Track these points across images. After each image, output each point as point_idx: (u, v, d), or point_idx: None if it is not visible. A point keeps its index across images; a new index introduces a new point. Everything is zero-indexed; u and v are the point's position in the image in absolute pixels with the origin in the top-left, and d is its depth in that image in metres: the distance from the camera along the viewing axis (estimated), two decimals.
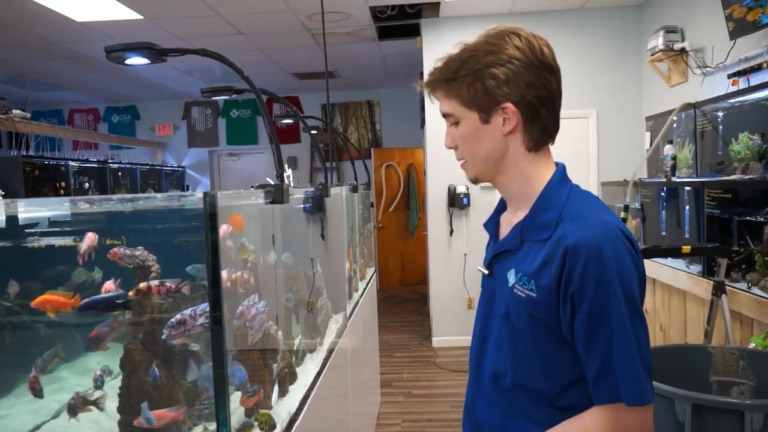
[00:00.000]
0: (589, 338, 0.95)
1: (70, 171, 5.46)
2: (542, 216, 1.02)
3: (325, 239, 2.66)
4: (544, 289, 0.97)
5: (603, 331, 0.94)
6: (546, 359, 1.01)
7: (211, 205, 1.10)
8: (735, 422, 1.59)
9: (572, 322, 0.96)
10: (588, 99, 4.95)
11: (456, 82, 1.03)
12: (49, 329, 1.62)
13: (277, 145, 1.45)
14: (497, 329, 1.09)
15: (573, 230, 0.96)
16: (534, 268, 0.99)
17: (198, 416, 1.33)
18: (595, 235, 0.95)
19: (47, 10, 4.29)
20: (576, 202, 1.03)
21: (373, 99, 8.14)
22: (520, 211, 1.09)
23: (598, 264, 0.93)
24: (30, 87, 7.01)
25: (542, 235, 1.01)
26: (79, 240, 1.37)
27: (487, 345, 1.12)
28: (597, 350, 0.95)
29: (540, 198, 1.04)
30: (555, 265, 0.96)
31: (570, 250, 0.94)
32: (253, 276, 1.53)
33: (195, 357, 1.45)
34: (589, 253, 0.93)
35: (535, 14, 4.94)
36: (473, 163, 1.08)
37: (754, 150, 3.01)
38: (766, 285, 2.47)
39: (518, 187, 1.08)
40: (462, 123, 1.05)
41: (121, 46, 1.43)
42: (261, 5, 4.44)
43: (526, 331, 1.02)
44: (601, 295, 0.93)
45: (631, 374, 0.95)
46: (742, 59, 3.32)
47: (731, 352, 2.11)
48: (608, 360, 0.94)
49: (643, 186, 3.92)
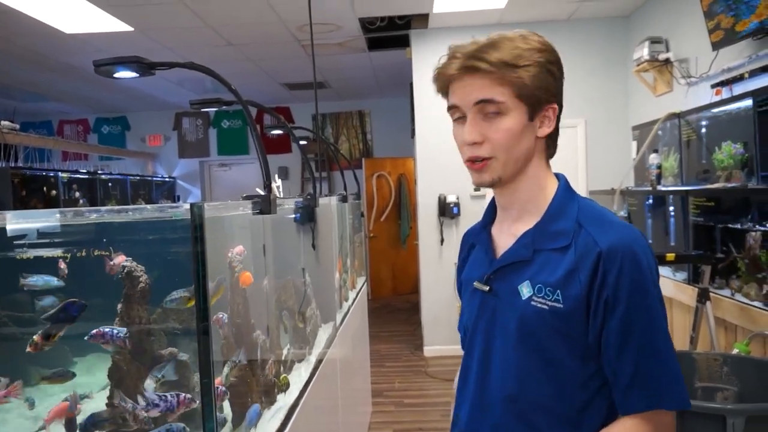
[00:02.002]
0: (623, 344, 0.92)
1: (60, 182, 5.45)
2: (557, 224, 0.99)
3: (315, 249, 2.67)
4: (573, 298, 0.93)
5: (640, 335, 0.92)
6: (566, 376, 0.96)
7: (199, 216, 1.12)
8: (717, 427, 1.62)
9: (602, 330, 0.93)
10: (576, 108, 5.01)
11: (518, 69, 0.96)
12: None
13: (264, 156, 1.47)
14: (506, 349, 1.01)
15: (602, 235, 0.95)
16: (558, 278, 0.95)
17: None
18: (626, 238, 0.94)
19: (36, 22, 4.30)
20: (588, 208, 1.02)
21: (363, 109, 8.18)
22: (522, 220, 1.03)
23: (633, 267, 0.92)
24: (19, 98, 7.00)
25: (560, 243, 0.97)
26: (66, 251, 1.38)
27: (492, 368, 1.03)
28: (631, 356, 0.92)
29: (552, 206, 1.02)
30: (585, 272, 0.93)
31: (604, 254, 0.92)
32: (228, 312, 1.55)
33: (183, 366, 1.46)
34: (624, 256, 0.92)
35: (523, 25, 4.96)
36: (505, 162, 0.98)
37: (737, 159, 3.06)
38: (749, 291, 2.51)
39: (530, 195, 1.03)
40: (510, 115, 0.97)
41: (109, 60, 1.44)
42: (251, 17, 4.47)
43: (547, 347, 0.96)
44: (639, 298, 0.92)
45: (674, 377, 0.93)
46: (725, 69, 3.38)
47: (715, 358, 2.14)
48: (646, 364, 0.92)
49: (630, 194, 3.97)
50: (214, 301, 1.28)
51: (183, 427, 1.29)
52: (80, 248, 1.38)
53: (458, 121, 1.01)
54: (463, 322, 1.14)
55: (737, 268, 2.63)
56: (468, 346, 1.10)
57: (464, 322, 1.13)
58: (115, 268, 1.41)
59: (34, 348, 1.35)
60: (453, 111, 1.01)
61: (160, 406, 1.27)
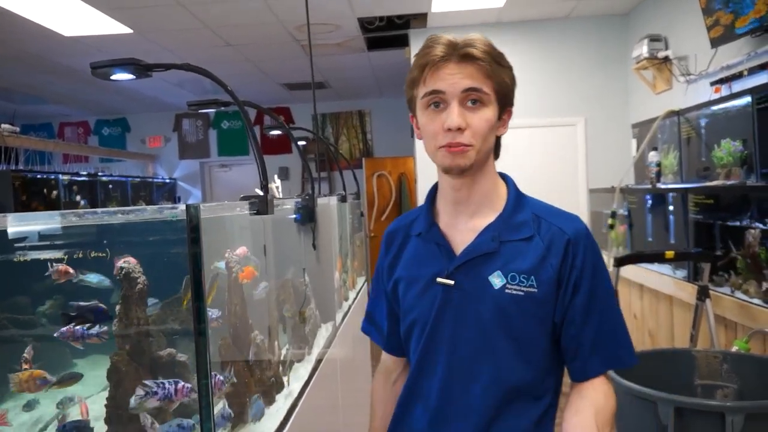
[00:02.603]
0: (587, 317, 1.04)
1: (60, 184, 5.46)
2: (518, 216, 1.07)
3: (316, 249, 2.67)
4: (546, 282, 1.02)
5: (601, 307, 1.05)
6: (540, 354, 1.06)
7: (195, 216, 1.12)
8: (716, 424, 1.62)
9: (568, 307, 1.04)
10: (575, 107, 5.00)
11: (501, 68, 1.03)
12: (38, 342, 1.63)
13: (260, 156, 1.47)
14: (481, 339, 1.05)
15: (564, 224, 1.06)
16: (531, 265, 1.03)
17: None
18: (582, 226, 1.08)
19: (35, 25, 4.31)
20: (537, 203, 1.12)
21: (363, 109, 8.18)
22: (479, 215, 1.08)
23: (592, 250, 1.06)
24: (19, 101, 7.01)
25: (525, 234, 1.05)
26: (65, 253, 1.39)
27: (465, 358, 1.06)
28: (593, 325, 1.04)
29: (510, 201, 1.09)
30: (556, 257, 1.03)
31: (572, 241, 1.04)
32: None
33: (183, 367, 1.46)
34: (586, 241, 1.05)
35: (521, 23, 5.01)
36: (479, 151, 1.03)
37: (736, 156, 3.06)
38: (748, 289, 2.51)
39: (487, 190, 1.08)
40: (489, 108, 1.02)
41: (106, 62, 1.45)
42: (250, 17, 4.48)
43: (524, 331, 1.04)
44: (599, 276, 1.05)
45: (628, 339, 1.08)
46: (723, 67, 3.38)
47: (715, 355, 2.14)
48: (607, 331, 1.05)
49: (629, 192, 3.96)
50: (209, 300, 1.28)
51: (193, 424, 1.29)
52: (79, 250, 1.39)
53: (435, 107, 1.03)
54: (411, 318, 1.12)
55: (737, 266, 2.62)
56: (426, 342, 1.10)
57: (413, 318, 1.12)
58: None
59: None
60: (432, 97, 1.02)
61: (159, 393, 1.27)
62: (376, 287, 1.24)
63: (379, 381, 1.28)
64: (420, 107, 1.05)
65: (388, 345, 1.24)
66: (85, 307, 1.38)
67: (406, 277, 1.13)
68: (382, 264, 1.20)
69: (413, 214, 1.19)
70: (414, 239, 1.15)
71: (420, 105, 1.05)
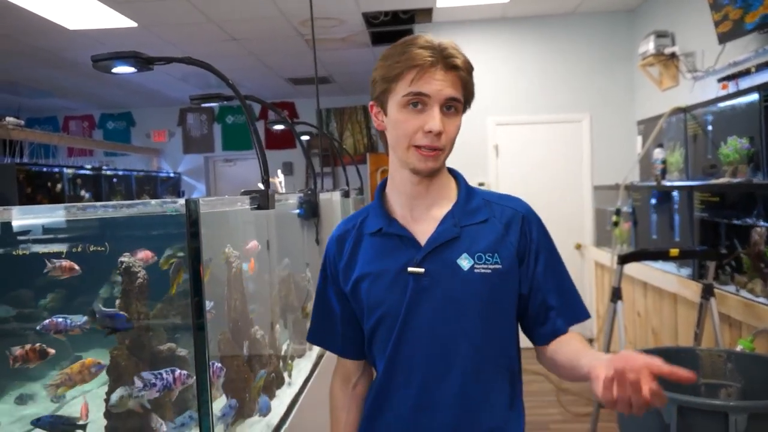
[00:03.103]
0: (549, 283, 1.14)
1: (65, 178, 5.46)
2: (472, 203, 1.16)
3: (319, 244, 2.67)
4: (509, 257, 1.11)
5: (559, 272, 1.16)
6: (505, 322, 1.13)
7: (194, 211, 1.11)
8: (720, 424, 1.60)
9: (533, 276, 1.14)
10: (581, 103, 4.97)
11: (470, 77, 1.11)
12: (39, 337, 1.63)
13: (261, 151, 1.46)
14: (459, 319, 1.10)
15: (514, 204, 1.17)
16: (492, 243, 1.12)
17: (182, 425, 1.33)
18: (527, 204, 1.20)
19: (39, 19, 4.31)
20: (483, 191, 1.22)
21: (368, 104, 8.15)
22: (436, 206, 1.15)
23: (540, 222, 1.18)
24: (24, 94, 7.03)
25: (480, 217, 1.14)
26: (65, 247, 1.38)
27: (446, 341, 1.10)
28: (556, 288, 1.15)
29: (463, 191, 1.18)
30: (514, 233, 1.13)
31: (526, 217, 1.15)
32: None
33: (182, 362, 1.46)
34: (534, 216, 1.18)
35: (527, 19, 4.97)
36: (447, 154, 1.12)
37: (743, 153, 3.03)
38: (753, 287, 2.49)
39: (443, 183, 1.16)
40: (459, 115, 1.10)
41: (107, 55, 1.44)
42: (254, 12, 4.47)
43: (498, 305, 1.11)
44: (551, 244, 1.18)
45: (580, 297, 1.19)
46: (731, 63, 3.35)
47: (719, 354, 2.13)
48: (567, 291, 1.16)
49: (634, 190, 3.94)
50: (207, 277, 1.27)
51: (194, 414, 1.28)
52: (78, 244, 1.38)
53: (414, 107, 1.07)
54: (380, 313, 1.13)
55: (742, 264, 2.60)
56: (398, 333, 1.12)
57: (381, 313, 1.13)
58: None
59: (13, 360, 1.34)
60: (415, 98, 1.06)
61: (157, 385, 1.27)
62: (324, 296, 1.24)
63: (338, 386, 1.27)
64: (396, 103, 1.09)
65: (345, 350, 1.24)
66: (106, 313, 1.36)
67: (369, 274, 1.14)
68: (336, 268, 1.20)
69: (359, 215, 1.23)
70: (369, 238, 1.17)
71: (397, 100, 1.08)
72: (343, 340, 1.23)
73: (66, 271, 1.40)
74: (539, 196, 4.28)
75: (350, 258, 1.18)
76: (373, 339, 1.16)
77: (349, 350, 1.24)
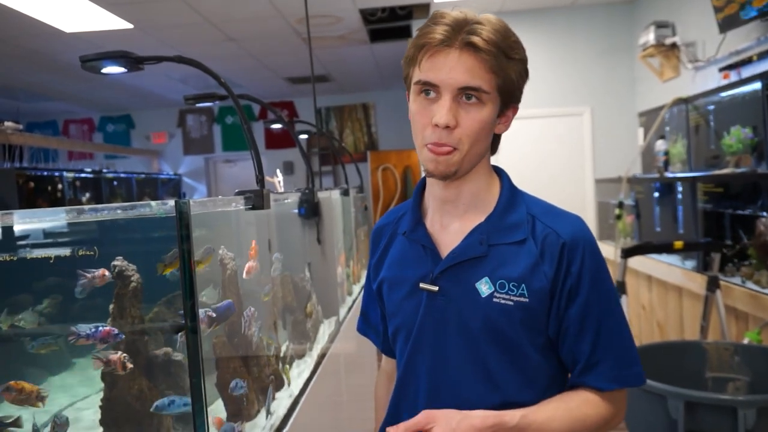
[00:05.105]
0: (583, 328, 0.92)
1: (65, 182, 5.45)
2: (510, 217, 0.96)
3: (321, 243, 2.64)
4: (538, 291, 0.91)
5: (600, 318, 0.93)
6: (529, 367, 0.95)
7: (185, 213, 1.09)
8: (728, 419, 1.58)
9: (563, 317, 0.93)
10: (581, 96, 4.93)
11: (509, 61, 0.90)
12: (34, 341, 1.61)
13: (255, 150, 1.43)
14: (469, 350, 0.95)
15: (560, 226, 0.94)
16: (522, 272, 0.91)
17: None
18: (583, 228, 0.95)
19: (36, 22, 4.29)
20: (534, 201, 1.00)
21: (367, 101, 8.13)
22: (468, 216, 0.98)
23: (592, 256, 0.93)
24: (23, 98, 7.01)
25: (517, 237, 0.94)
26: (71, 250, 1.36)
27: (451, 370, 0.96)
28: (590, 339, 0.92)
29: (502, 199, 0.98)
30: (550, 263, 0.92)
31: (567, 245, 0.92)
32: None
33: (178, 367, 1.43)
34: (584, 245, 0.93)
35: (525, 12, 4.93)
36: (469, 153, 0.91)
37: (746, 143, 3.00)
38: (759, 279, 2.45)
39: (478, 189, 0.98)
40: (487, 106, 0.90)
41: (96, 55, 1.42)
42: (251, 11, 4.44)
43: (516, 343, 0.93)
44: (599, 285, 0.93)
45: (633, 355, 0.95)
46: (732, 52, 3.31)
47: (726, 347, 2.10)
48: (606, 346, 0.93)
49: (637, 182, 3.90)
50: (201, 267, 1.24)
51: (187, 400, 1.25)
52: (79, 248, 1.35)
53: (425, 96, 0.91)
54: (396, 324, 1.03)
55: (747, 255, 2.57)
56: (411, 351, 1.00)
57: (397, 324, 1.02)
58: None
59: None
60: (424, 86, 0.91)
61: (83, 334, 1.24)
62: (369, 289, 1.16)
63: (382, 384, 1.21)
64: (412, 91, 0.94)
65: (386, 347, 1.16)
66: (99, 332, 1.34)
67: (389, 279, 1.04)
68: (371, 262, 1.12)
69: (403, 208, 1.09)
70: (400, 238, 1.05)
71: (413, 89, 0.94)
72: (384, 337, 1.13)
73: (102, 279, 1.36)
74: (540, 190, 4.21)
75: (381, 255, 1.08)
76: (393, 345, 1.08)
77: (389, 347, 1.14)
